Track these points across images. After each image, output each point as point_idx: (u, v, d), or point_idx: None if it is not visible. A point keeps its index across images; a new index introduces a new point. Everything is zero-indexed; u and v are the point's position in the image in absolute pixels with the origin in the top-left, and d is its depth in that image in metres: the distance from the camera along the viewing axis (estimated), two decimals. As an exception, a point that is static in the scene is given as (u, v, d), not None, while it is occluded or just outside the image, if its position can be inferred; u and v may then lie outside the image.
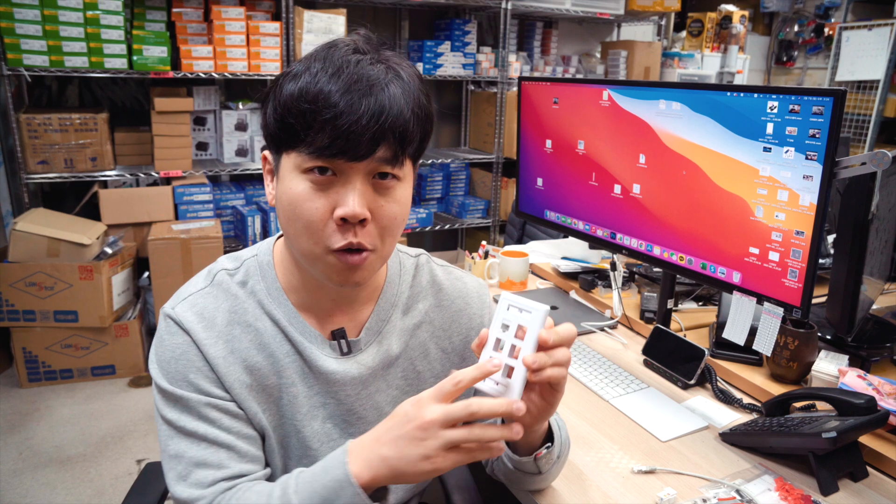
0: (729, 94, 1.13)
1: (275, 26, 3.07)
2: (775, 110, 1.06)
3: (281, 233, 0.84)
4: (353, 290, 0.84)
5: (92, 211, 2.96)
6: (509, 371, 0.68)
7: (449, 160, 3.84)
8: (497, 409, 0.64)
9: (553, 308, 1.65)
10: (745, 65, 4.68)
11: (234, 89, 3.51)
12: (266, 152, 0.81)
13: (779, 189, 1.07)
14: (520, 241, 2.48)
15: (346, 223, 0.73)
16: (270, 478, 0.83)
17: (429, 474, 0.66)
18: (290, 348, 0.83)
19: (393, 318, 0.88)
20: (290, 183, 0.74)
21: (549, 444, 0.85)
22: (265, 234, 3.24)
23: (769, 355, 1.19)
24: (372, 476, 0.68)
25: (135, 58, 2.87)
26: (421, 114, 0.74)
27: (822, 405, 1.13)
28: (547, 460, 0.85)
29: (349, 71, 0.71)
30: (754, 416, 1.19)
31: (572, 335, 0.70)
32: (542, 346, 0.68)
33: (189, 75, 2.98)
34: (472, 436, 0.65)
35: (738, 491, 0.96)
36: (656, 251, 1.33)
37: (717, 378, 1.28)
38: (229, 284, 0.83)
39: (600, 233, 1.47)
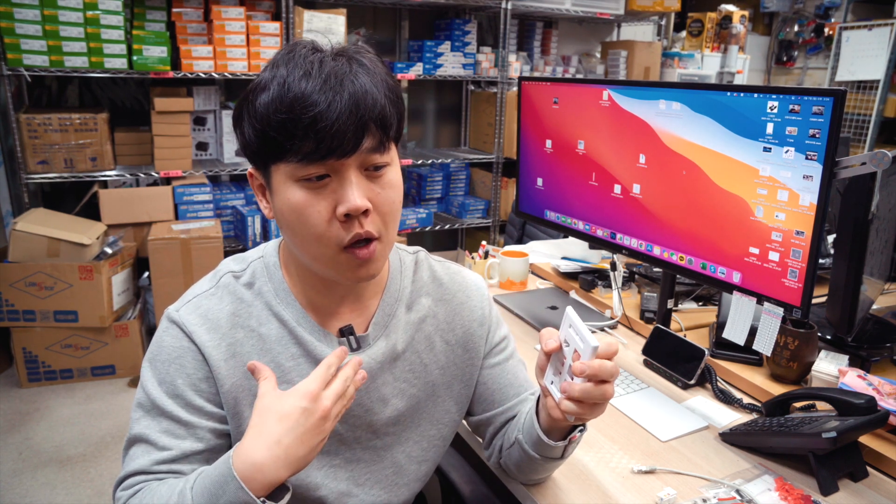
0: (729, 94, 1.13)
1: (275, 26, 3.07)
2: (775, 110, 1.06)
3: (284, 237, 0.84)
4: (362, 285, 0.85)
5: (92, 211, 2.96)
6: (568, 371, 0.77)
7: (449, 160, 3.84)
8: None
9: (552, 308, 1.65)
10: (745, 65, 4.68)
11: (234, 89, 3.51)
12: (251, 169, 0.81)
13: (779, 189, 1.07)
14: (520, 241, 2.48)
15: (349, 218, 0.74)
16: None
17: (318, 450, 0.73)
18: (297, 350, 0.83)
19: (398, 312, 0.89)
20: (287, 194, 0.74)
21: (582, 427, 0.87)
22: (265, 233, 3.24)
23: (769, 355, 1.19)
24: (276, 475, 0.69)
25: (135, 58, 2.87)
26: (393, 96, 0.76)
27: (822, 405, 1.13)
28: (574, 445, 0.88)
29: (316, 70, 0.71)
30: (754, 416, 1.19)
31: (609, 373, 0.74)
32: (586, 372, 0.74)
33: (189, 75, 2.98)
34: (343, 403, 0.74)
35: (738, 491, 0.96)
36: (656, 251, 1.33)
37: (717, 378, 1.28)
38: (235, 287, 0.84)
39: (600, 233, 1.47)
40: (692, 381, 1.27)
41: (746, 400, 1.23)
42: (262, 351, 0.82)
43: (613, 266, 1.58)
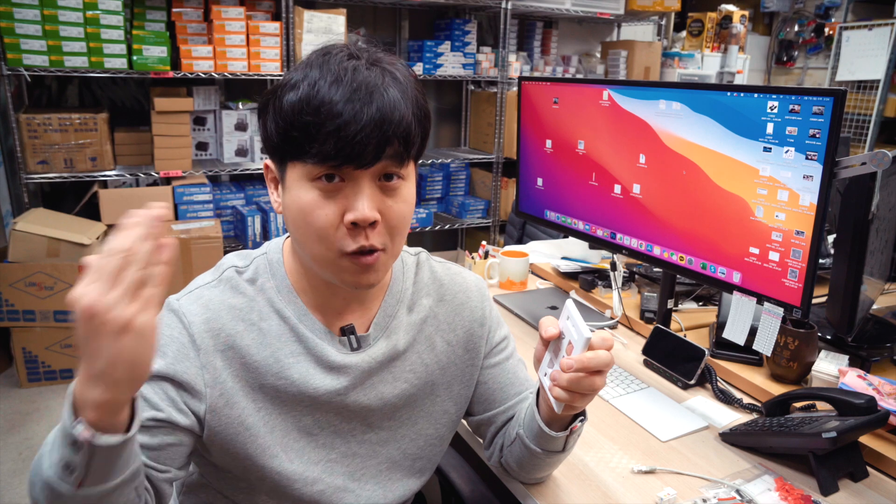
0: (729, 94, 1.13)
1: (275, 26, 3.07)
2: (775, 110, 1.06)
3: (289, 234, 0.84)
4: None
5: (92, 211, 2.96)
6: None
7: (449, 160, 3.84)
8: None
9: (552, 308, 1.65)
10: (745, 65, 4.67)
11: (234, 89, 3.51)
12: (268, 161, 0.81)
13: (779, 189, 1.07)
14: (520, 241, 2.48)
15: (356, 227, 0.74)
16: (276, 472, 0.83)
17: (142, 350, 0.55)
18: (298, 347, 0.83)
19: (399, 314, 0.89)
20: (298, 192, 0.74)
21: (583, 417, 0.87)
22: (265, 233, 3.24)
23: (769, 355, 1.19)
24: (84, 394, 0.58)
25: (135, 58, 2.87)
26: (420, 114, 0.76)
27: (822, 405, 1.13)
28: (575, 436, 0.88)
29: (348, 78, 0.71)
30: (754, 416, 1.19)
31: (600, 365, 0.75)
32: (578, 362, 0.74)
33: (189, 75, 2.98)
34: (136, 268, 0.54)
35: (738, 491, 0.96)
36: (656, 251, 1.33)
37: (717, 378, 1.28)
38: (238, 282, 0.84)
39: (600, 233, 1.47)
40: (692, 381, 1.27)
41: (746, 400, 1.23)
42: (262, 345, 0.82)
43: (613, 266, 1.58)
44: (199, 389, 0.79)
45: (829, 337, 1.33)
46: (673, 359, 1.32)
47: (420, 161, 3.77)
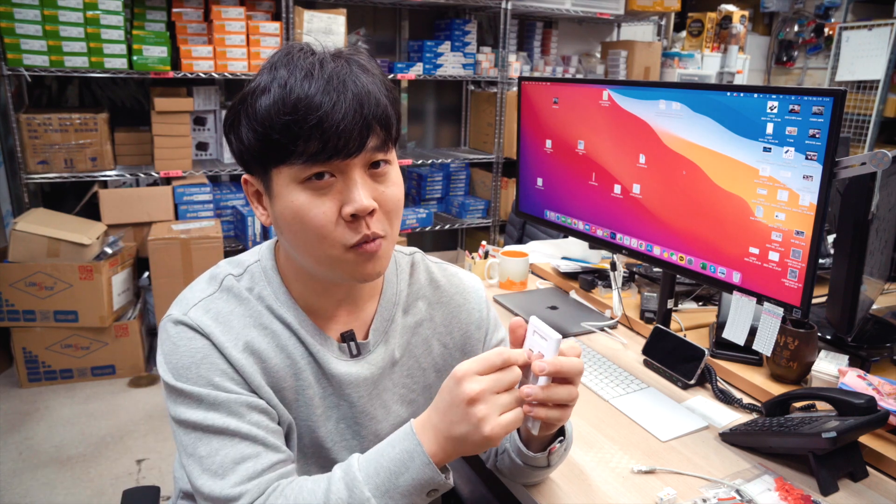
0: (729, 94, 1.13)
1: (275, 26, 3.08)
2: (775, 110, 1.06)
3: (287, 242, 0.81)
4: (359, 288, 0.85)
5: (92, 211, 2.96)
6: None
7: (449, 160, 3.84)
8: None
9: (552, 308, 1.65)
10: (745, 65, 4.68)
11: (234, 89, 3.51)
12: (247, 176, 0.79)
13: (779, 189, 1.07)
14: (520, 241, 2.48)
15: (355, 218, 0.73)
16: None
17: (486, 442, 0.67)
18: (304, 350, 0.82)
19: (396, 317, 0.89)
20: (290, 197, 0.73)
21: (562, 437, 0.86)
22: (265, 234, 3.24)
23: (769, 355, 1.19)
24: (439, 451, 0.69)
25: (135, 58, 2.87)
26: (391, 96, 0.76)
27: (822, 405, 1.13)
28: (558, 455, 0.87)
29: (317, 71, 0.71)
30: (754, 416, 1.19)
31: (572, 369, 0.73)
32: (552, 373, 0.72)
33: (189, 75, 2.98)
34: (514, 397, 0.69)
35: (738, 491, 0.96)
36: (656, 251, 1.33)
37: (717, 378, 1.28)
38: (239, 289, 0.82)
39: (600, 233, 1.47)
40: (692, 381, 1.27)
41: (746, 400, 1.23)
42: (278, 347, 0.81)
43: (613, 266, 1.58)
44: (252, 389, 0.79)
45: (829, 337, 1.33)
46: (673, 359, 1.32)
47: (420, 161, 3.71)
